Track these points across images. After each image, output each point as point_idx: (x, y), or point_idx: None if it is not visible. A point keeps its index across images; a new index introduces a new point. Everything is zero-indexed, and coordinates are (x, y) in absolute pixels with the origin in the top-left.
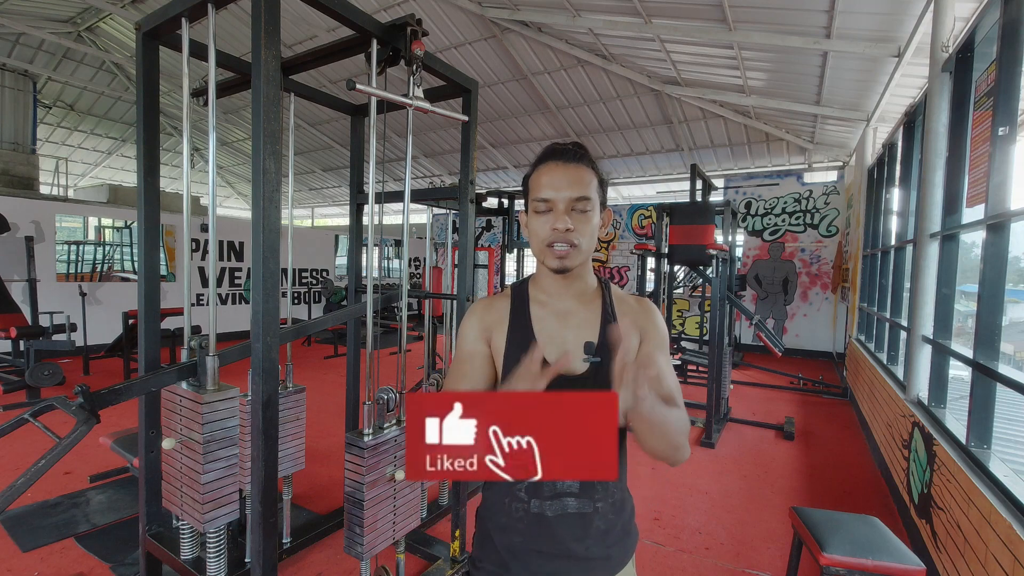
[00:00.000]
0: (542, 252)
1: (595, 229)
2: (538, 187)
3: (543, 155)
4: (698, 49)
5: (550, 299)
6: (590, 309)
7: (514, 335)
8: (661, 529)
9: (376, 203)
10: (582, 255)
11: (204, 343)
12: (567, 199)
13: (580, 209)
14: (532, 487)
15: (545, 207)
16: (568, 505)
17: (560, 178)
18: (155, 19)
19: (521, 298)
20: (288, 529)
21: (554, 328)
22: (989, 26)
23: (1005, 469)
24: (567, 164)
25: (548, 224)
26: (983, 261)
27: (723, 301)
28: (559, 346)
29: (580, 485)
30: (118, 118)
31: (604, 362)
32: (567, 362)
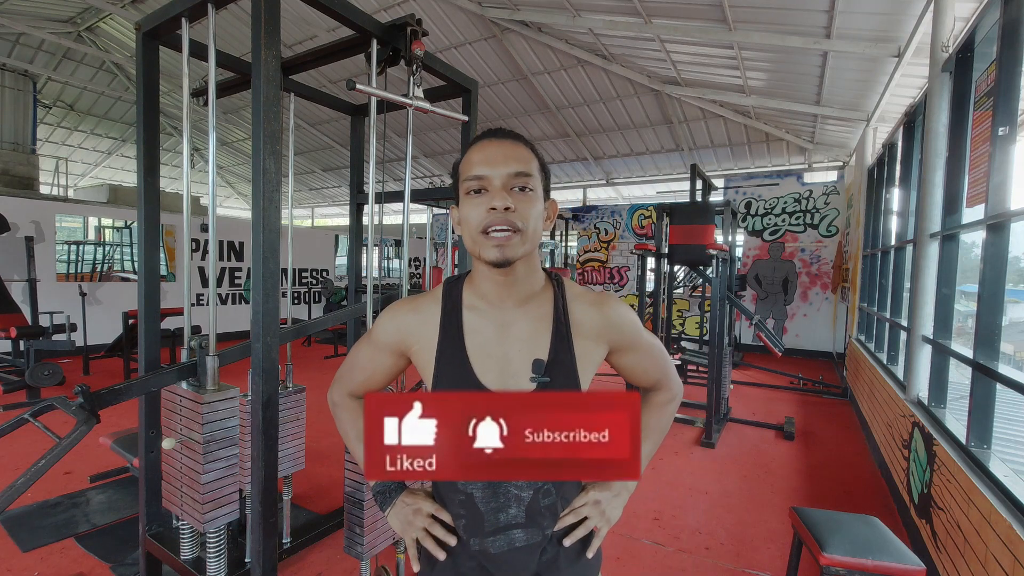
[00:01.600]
0: (477, 243)
1: (539, 214)
2: (470, 165)
3: (476, 137)
4: (698, 49)
5: (488, 306)
6: (537, 317)
7: (444, 352)
8: (661, 529)
9: (376, 203)
10: (526, 243)
11: (204, 343)
12: (505, 175)
13: (520, 187)
14: (470, 524)
15: (479, 186)
16: (515, 539)
17: (496, 153)
18: (155, 19)
19: (453, 304)
20: (288, 529)
21: (492, 343)
22: (989, 26)
23: (1005, 469)
24: (502, 140)
25: (483, 206)
26: (983, 261)
27: (723, 301)
28: (499, 363)
29: (526, 514)
30: (118, 118)
31: (554, 380)
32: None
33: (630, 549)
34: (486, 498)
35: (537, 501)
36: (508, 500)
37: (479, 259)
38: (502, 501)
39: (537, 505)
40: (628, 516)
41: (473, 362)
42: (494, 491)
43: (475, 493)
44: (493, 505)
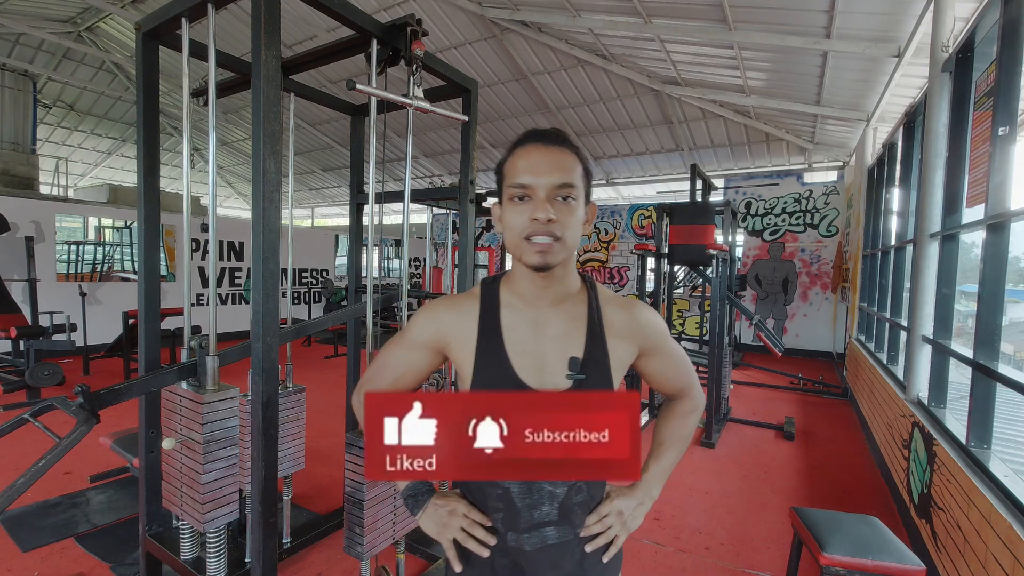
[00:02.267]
0: (518, 247)
1: (579, 222)
2: (515, 172)
3: (521, 138)
4: (698, 49)
5: (525, 305)
6: (573, 317)
7: (483, 349)
8: (661, 529)
9: (376, 203)
10: (566, 250)
11: (204, 343)
12: (549, 186)
13: (564, 197)
14: (508, 519)
15: (523, 194)
16: (548, 536)
17: (541, 162)
18: (155, 19)
19: (491, 302)
20: (288, 529)
21: (529, 340)
22: (989, 26)
23: (1005, 469)
24: (549, 147)
25: (526, 214)
26: (983, 261)
27: (723, 301)
28: (536, 360)
29: (559, 513)
30: (118, 118)
31: (589, 378)
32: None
33: (630, 549)
34: (522, 493)
35: (570, 498)
36: (542, 496)
37: (520, 261)
38: (536, 497)
39: (570, 502)
40: None
41: (512, 359)
42: (529, 487)
43: (512, 488)
44: (528, 501)
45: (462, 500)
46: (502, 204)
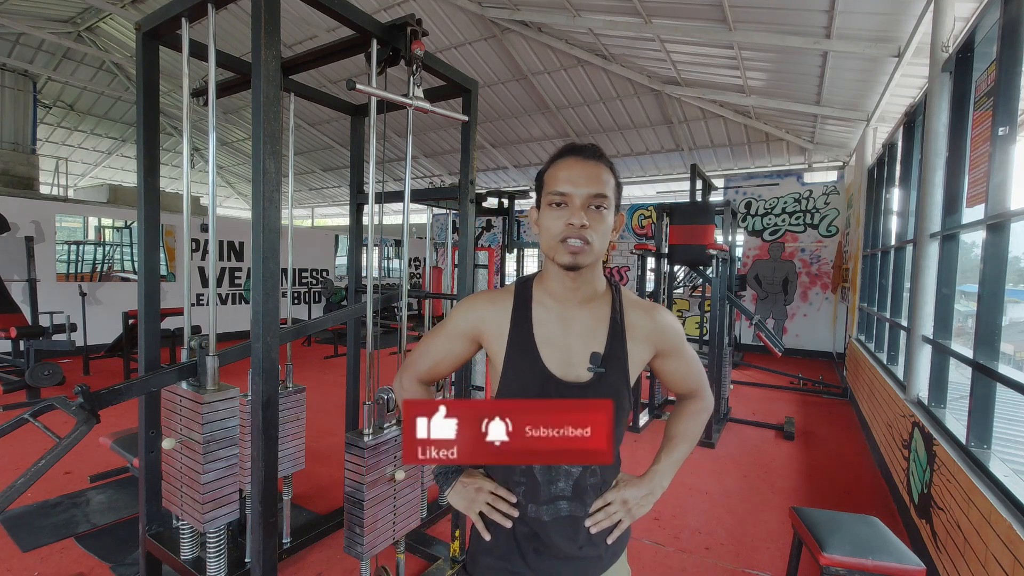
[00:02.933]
0: (553, 248)
1: (608, 230)
2: (555, 181)
3: (562, 151)
4: (698, 49)
5: (555, 302)
6: (597, 316)
7: (515, 340)
8: (661, 529)
9: (376, 203)
10: (594, 254)
11: (204, 343)
12: (584, 195)
13: (596, 206)
14: (529, 492)
15: (561, 200)
16: (561, 509)
17: (579, 173)
18: (155, 19)
19: (524, 299)
20: (288, 529)
21: (557, 334)
22: (989, 26)
23: (1005, 469)
24: (586, 160)
25: (563, 219)
26: (983, 261)
27: (723, 301)
28: (562, 353)
29: (572, 489)
30: (118, 118)
31: (608, 372)
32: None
33: (630, 549)
34: (543, 471)
35: (584, 478)
36: (559, 474)
37: (553, 261)
38: (554, 475)
39: (584, 482)
40: None
41: (540, 350)
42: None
43: (534, 466)
44: (547, 477)
45: (487, 479)
46: (540, 209)
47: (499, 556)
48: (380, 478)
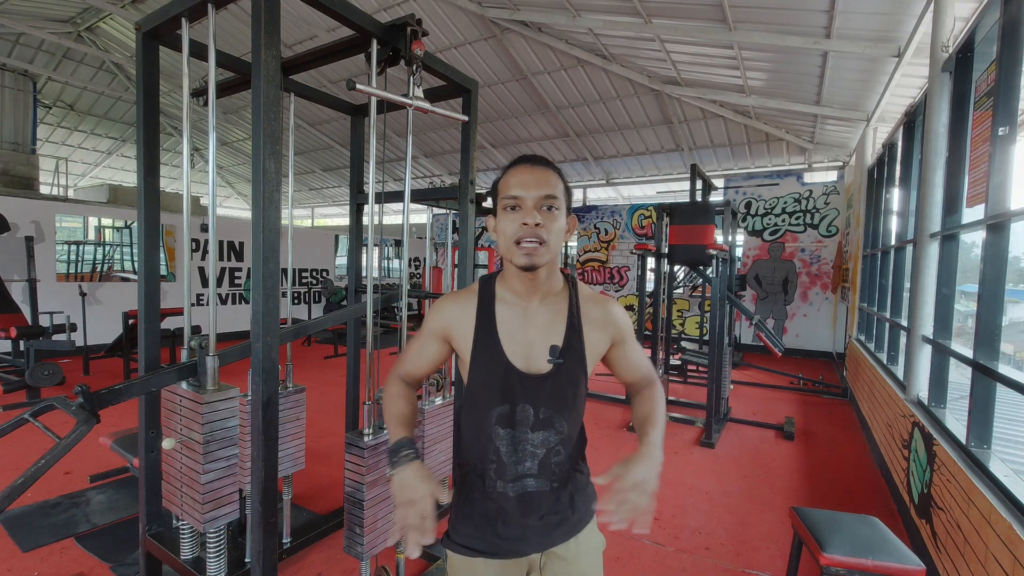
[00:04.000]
0: (510, 250)
1: (561, 229)
2: (507, 187)
3: (513, 162)
4: (698, 49)
5: (516, 299)
6: (555, 311)
7: (480, 336)
8: (661, 529)
9: (376, 203)
10: (550, 252)
11: (204, 343)
12: (536, 197)
13: (548, 207)
14: (498, 470)
15: (514, 204)
16: (528, 485)
17: (529, 178)
18: (155, 19)
19: (487, 297)
20: (288, 529)
21: (518, 330)
22: (989, 26)
23: (1005, 469)
24: (535, 167)
25: (517, 221)
26: (983, 261)
27: (723, 301)
28: (524, 347)
29: (539, 468)
30: (118, 118)
31: (566, 363)
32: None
33: (630, 549)
34: (509, 452)
35: (548, 458)
36: (525, 455)
37: (511, 263)
38: (520, 455)
39: (548, 461)
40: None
41: (504, 345)
42: (515, 447)
43: (501, 447)
44: (514, 458)
45: (428, 497)
46: (496, 216)
47: (475, 526)
48: (380, 478)
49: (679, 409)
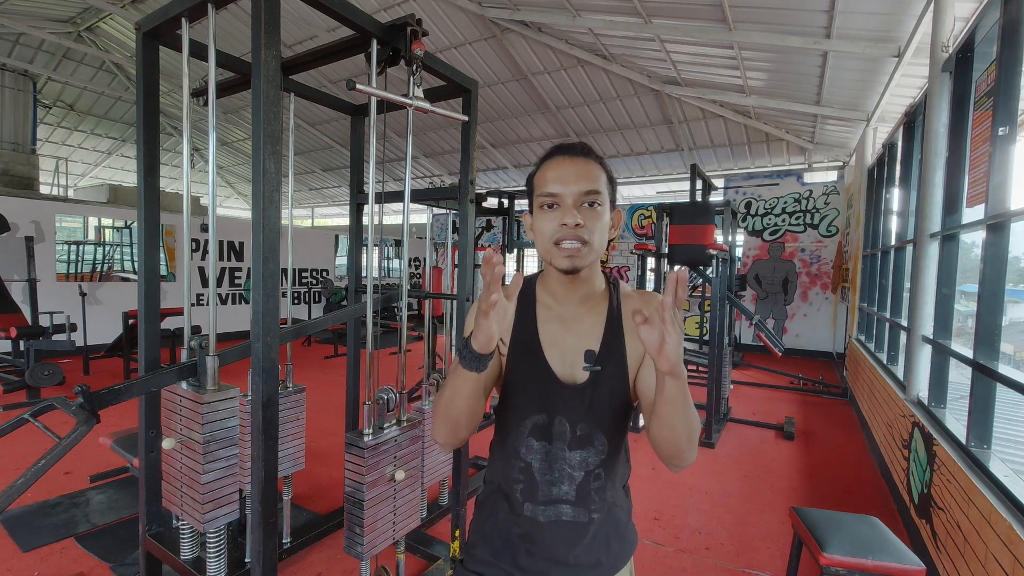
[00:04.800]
0: (549, 252)
1: (606, 227)
2: (544, 182)
3: (549, 152)
4: (698, 49)
5: (556, 303)
6: (595, 314)
7: (518, 338)
8: (661, 529)
9: (376, 203)
10: (593, 253)
11: (204, 343)
12: (576, 193)
13: (590, 203)
14: (527, 490)
15: (552, 202)
16: (563, 512)
17: (568, 172)
18: (155, 19)
19: (528, 298)
20: (288, 529)
21: (557, 334)
22: (989, 26)
23: (1005, 469)
24: (575, 158)
25: (556, 220)
26: (983, 261)
27: (723, 301)
28: (562, 352)
29: (576, 493)
30: (118, 118)
31: (605, 370)
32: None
33: None
34: (543, 469)
35: (588, 483)
36: (562, 476)
37: (551, 265)
38: (556, 476)
39: (587, 487)
40: None
41: (545, 350)
42: (550, 465)
43: (533, 463)
44: (548, 477)
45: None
46: (533, 214)
47: (492, 551)
48: (380, 478)
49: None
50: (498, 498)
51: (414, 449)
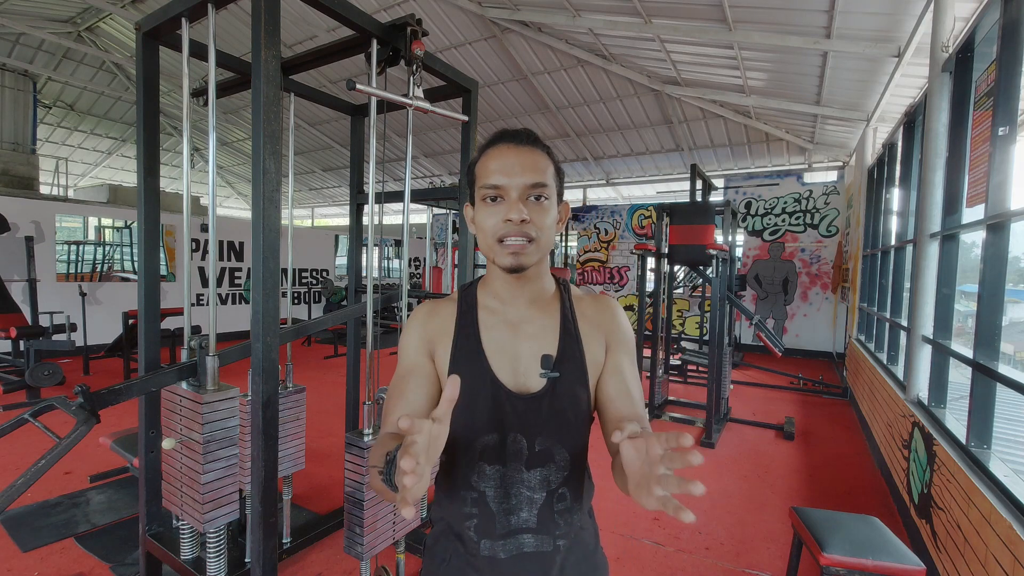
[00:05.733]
0: (492, 249)
1: (553, 222)
2: (487, 172)
3: (492, 138)
4: (698, 49)
5: (502, 305)
6: (547, 316)
7: (460, 349)
8: (661, 529)
9: (376, 203)
10: (540, 251)
11: (204, 343)
12: (521, 186)
13: (536, 197)
14: (481, 526)
15: (495, 194)
16: (524, 544)
17: (513, 162)
18: (155, 19)
19: (468, 303)
20: (288, 529)
21: (505, 340)
22: (989, 26)
23: (1005, 469)
24: (520, 147)
25: (499, 215)
26: (983, 261)
27: (723, 301)
28: (511, 360)
29: (537, 520)
30: (118, 118)
31: (563, 376)
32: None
33: (630, 549)
34: (498, 498)
35: (550, 505)
36: (520, 501)
37: (494, 263)
38: (514, 503)
39: (550, 510)
40: (628, 516)
41: (490, 358)
42: (506, 491)
43: (487, 491)
44: (505, 506)
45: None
46: (474, 206)
47: None
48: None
49: (679, 409)
50: (449, 539)
51: None
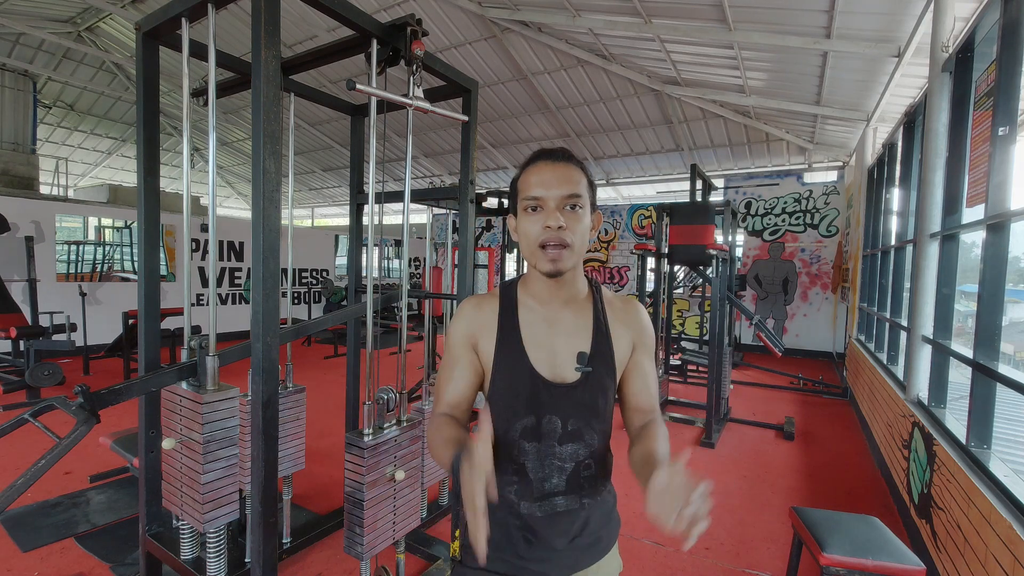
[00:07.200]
0: (533, 255)
1: (587, 230)
2: (528, 186)
3: (531, 157)
4: (698, 49)
5: (540, 305)
6: (581, 315)
7: (503, 342)
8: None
9: (376, 203)
10: (575, 256)
11: (204, 343)
12: (558, 197)
13: (571, 206)
14: (522, 490)
15: (536, 205)
16: (557, 505)
17: (550, 176)
18: (155, 19)
19: (510, 301)
20: (288, 529)
21: (543, 335)
22: (989, 26)
23: (1005, 469)
24: (556, 163)
25: (539, 223)
26: (983, 261)
27: (723, 301)
28: (549, 354)
29: (567, 484)
30: (118, 118)
31: (595, 371)
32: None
33: (630, 549)
34: (535, 468)
35: (578, 473)
36: (553, 471)
37: (535, 268)
38: (548, 472)
39: (577, 477)
40: (628, 516)
41: (529, 351)
42: (541, 463)
43: (527, 464)
44: (540, 475)
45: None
46: (517, 216)
47: (493, 546)
48: (380, 478)
49: (679, 409)
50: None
51: (414, 449)
